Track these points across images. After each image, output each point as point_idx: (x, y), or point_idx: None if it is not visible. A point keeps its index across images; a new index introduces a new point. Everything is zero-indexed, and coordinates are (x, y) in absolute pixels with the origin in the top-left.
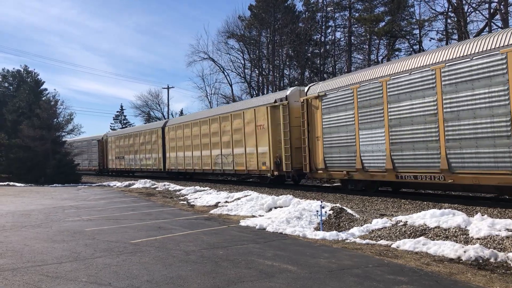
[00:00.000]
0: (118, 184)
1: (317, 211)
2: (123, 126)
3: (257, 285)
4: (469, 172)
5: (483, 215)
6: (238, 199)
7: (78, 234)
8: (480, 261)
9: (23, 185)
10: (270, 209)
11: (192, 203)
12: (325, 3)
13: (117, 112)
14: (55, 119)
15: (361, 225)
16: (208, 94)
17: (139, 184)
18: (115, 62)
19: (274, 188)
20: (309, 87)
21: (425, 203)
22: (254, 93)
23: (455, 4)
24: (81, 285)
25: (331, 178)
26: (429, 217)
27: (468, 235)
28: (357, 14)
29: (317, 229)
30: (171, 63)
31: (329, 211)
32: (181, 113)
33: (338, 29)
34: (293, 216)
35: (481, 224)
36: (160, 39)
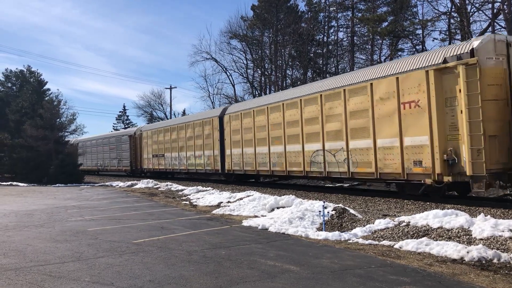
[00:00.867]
0: (121, 184)
1: (319, 211)
2: (126, 126)
3: (259, 285)
4: None
5: (486, 216)
6: (241, 199)
7: (80, 234)
8: (483, 261)
9: (26, 185)
10: (272, 209)
11: (195, 203)
12: (327, 3)
13: (120, 112)
14: (58, 119)
15: (364, 226)
16: (211, 94)
17: (142, 184)
18: (117, 62)
19: (276, 189)
20: None
21: (428, 203)
22: (257, 93)
23: (458, 4)
24: (83, 285)
25: None
26: (432, 217)
27: (471, 235)
28: (359, 14)
29: (319, 229)
30: (173, 63)
31: (332, 211)
32: (184, 113)
33: (341, 29)
34: (295, 216)
35: (484, 225)
36: (162, 39)
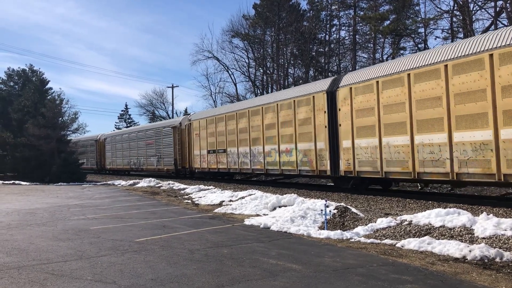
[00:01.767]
0: (123, 183)
1: (321, 210)
2: (128, 125)
3: (261, 284)
4: None
5: (488, 215)
6: (243, 198)
7: (83, 232)
8: (486, 260)
9: (28, 183)
10: (274, 208)
11: (197, 202)
12: (329, 1)
13: (122, 111)
14: (60, 118)
15: (366, 224)
16: (213, 93)
17: (144, 183)
18: (119, 61)
19: (278, 187)
20: None
21: (430, 202)
22: (259, 92)
23: (460, 3)
24: (86, 284)
25: None
26: (434, 216)
27: (473, 234)
28: (362, 13)
29: (321, 228)
30: (175, 62)
31: (334, 210)
32: (186, 112)
33: (343, 28)
34: (297, 215)
35: (486, 224)
36: (164, 38)
